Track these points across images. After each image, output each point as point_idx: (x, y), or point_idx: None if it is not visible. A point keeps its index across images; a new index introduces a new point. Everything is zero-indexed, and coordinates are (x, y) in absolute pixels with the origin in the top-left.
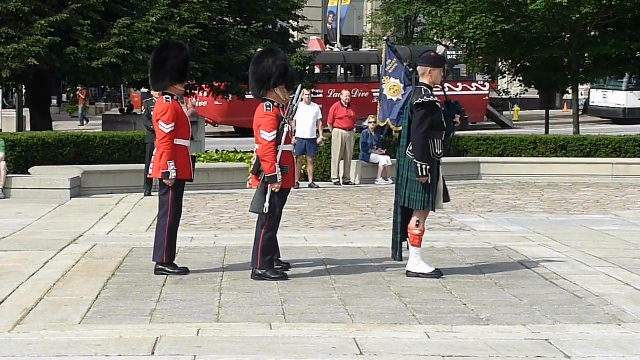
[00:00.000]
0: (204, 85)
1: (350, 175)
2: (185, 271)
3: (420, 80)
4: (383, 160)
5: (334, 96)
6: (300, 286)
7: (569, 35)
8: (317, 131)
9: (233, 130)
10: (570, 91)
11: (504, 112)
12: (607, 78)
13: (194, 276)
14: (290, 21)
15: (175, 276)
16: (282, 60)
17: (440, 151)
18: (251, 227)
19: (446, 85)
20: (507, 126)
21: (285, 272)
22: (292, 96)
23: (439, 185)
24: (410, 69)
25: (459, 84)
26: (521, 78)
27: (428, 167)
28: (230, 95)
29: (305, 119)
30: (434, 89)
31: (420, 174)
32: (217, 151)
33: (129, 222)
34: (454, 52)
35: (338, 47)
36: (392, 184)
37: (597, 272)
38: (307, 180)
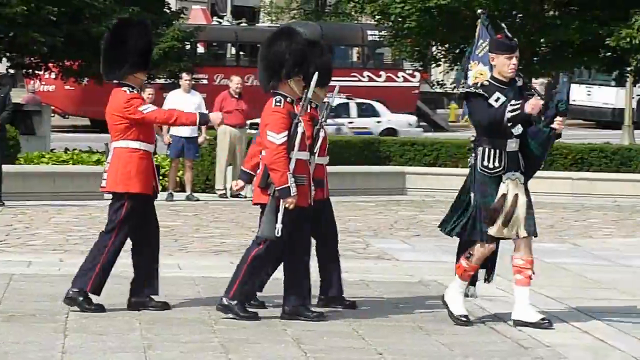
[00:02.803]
0: (50, 64)
1: None
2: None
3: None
4: None
5: (221, 83)
6: (169, 328)
7: (521, 15)
8: (199, 128)
9: (88, 123)
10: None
11: (438, 110)
12: (591, 71)
13: (31, 311)
14: None
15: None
16: (300, 44)
17: (497, 164)
18: None
19: (365, 74)
20: (441, 128)
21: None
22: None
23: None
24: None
25: (382, 73)
26: (460, 67)
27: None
28: (86, 78)
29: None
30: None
31: None
32: (66, 150)
33: None
34: (376, 33)
35: (228, 21)
36: None
37: (549, 315)
38: (184, 191)
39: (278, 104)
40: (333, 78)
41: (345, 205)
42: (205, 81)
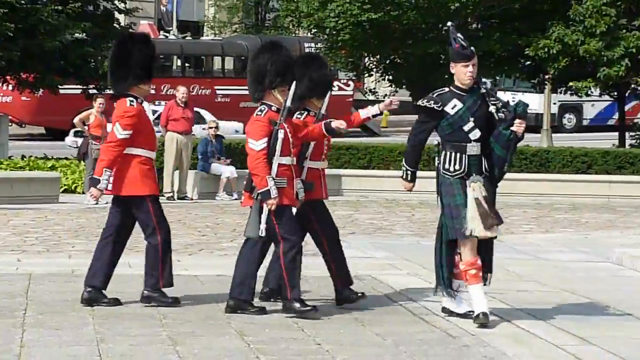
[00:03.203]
0: (8, 77)
1: (187, 188)
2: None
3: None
4: (226, 171)
5: (168, 93)
6: (120, 322)
7: (446, 28)
8: None
9: (44, 132)
10: None
11: None
12: (515, 78)
13: None
14: (116, 2)
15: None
16: (283, 56)
17: (458, 167)
18: (62, 250)
19: None
20: (374, 133)
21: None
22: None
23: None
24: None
25: None
26: (391, 77)
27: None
28: (41, 90)
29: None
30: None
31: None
32: (23, 157)
33: None
34: (312, 45)
35: (174, 34)
36: (237, 199)
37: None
38: None
39: (259, 113)
40: None
41: None
42: (153, 91)
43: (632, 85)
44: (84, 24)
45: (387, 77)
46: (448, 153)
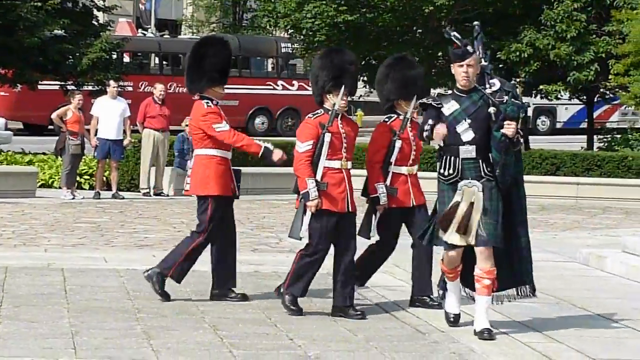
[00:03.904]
0: None
1: (163, 184)
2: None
3: None
4: None
5: (146, 90)
6: (95, 316)
7: (420, 31)
8: (124, 131)
9: (22, 127)
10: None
11: None
12: None
13: None
14: None
15: None
16: (337, 59)
17: (451, 171)
18: (39, 245)
19: (279, 83)
20: None
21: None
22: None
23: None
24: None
25: (295, 82)
26: (365, 78)
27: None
28: (19, 85)
29: (110, 116)
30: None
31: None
32: (0, 152)
33: None
34: (289, 45)
35: (152, 33)
36: None
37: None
38: (111, 190)
39: (311, 115)
40: (250, 87)
41: (260, 204)
42: (130, 88)
43: (601, 90)
44: (63, 21)
45: (361, 78)
46: (444, 157)
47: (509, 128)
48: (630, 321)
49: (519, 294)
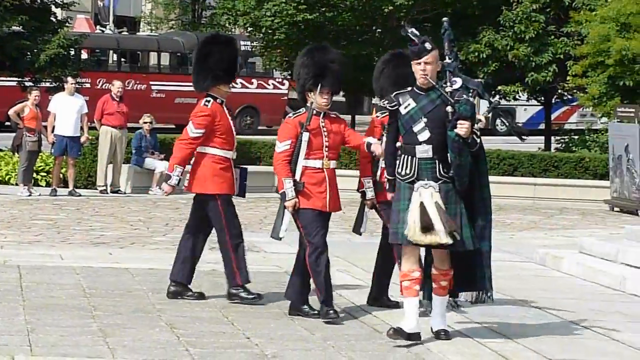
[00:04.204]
0: None
1: (120, 182)
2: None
3: None
4: (160, 166)
5: (104, 87)
6: (51, 313)
7: (380, 30)
8: (81, 128)
9: None
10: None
11: None
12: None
13: None
14: None
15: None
16: (317, 57)
17: (408, 171)
18: (1, 241)
19: (238, 81)
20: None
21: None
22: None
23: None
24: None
25: (254, 80)
26: None
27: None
28: None
29: (68, 112)
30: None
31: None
32: None
33: None
34: (248, 43)
35: (110, 29)
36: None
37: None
38: (67, 187)
39: (291, 115)
40: None
41: None
42: (88, 85)
43: (559, 91)
44: (21, 17)
45: None
46: (401, 157)
47: (462, 127)
48: (586, 321)
49: (478, 299)
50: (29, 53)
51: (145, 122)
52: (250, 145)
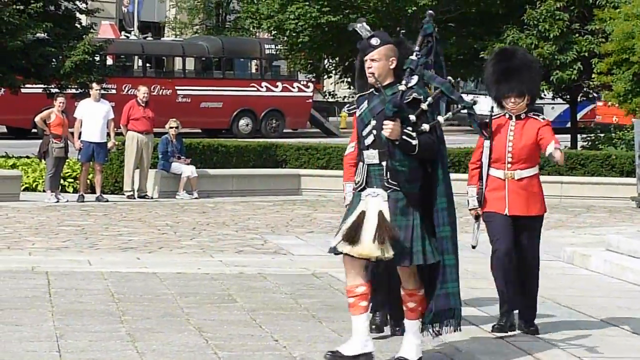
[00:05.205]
0: None
1: (147, 187)
2: None
3: None
4: (187, 170)
5: (129, 92)
6: (80, 319)
7: (404, 31)
8: (108, 134)
9: (5, 130)
10: None
11: (330, 118)
12: (477, 81)
13: None
14: (77, 2)
15: None
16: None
17: (359, 179)
18: (23, 248)
19: (263, 84)
20: (333, 134)
21: None
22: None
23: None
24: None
25: (279, 84)
26: (349, 79)
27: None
28: (2, 89)
29: (94, 118)
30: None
31: None
32: None
33: None
34: (273, 47)
35: (135, 35)
36: (197, 198)
37: None
38: (95, 193)
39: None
40: (234, 88)
41: (245, 205)
42: (114, 91)
43: (585, 89)
44: (46, 24)
45: (345, 79)
46: (357, 164)
47: (386, 128)
48: (615, 319)
49: (446, 325)
50: (54, 60)
51: (171, 127)
52: (276, 148)
